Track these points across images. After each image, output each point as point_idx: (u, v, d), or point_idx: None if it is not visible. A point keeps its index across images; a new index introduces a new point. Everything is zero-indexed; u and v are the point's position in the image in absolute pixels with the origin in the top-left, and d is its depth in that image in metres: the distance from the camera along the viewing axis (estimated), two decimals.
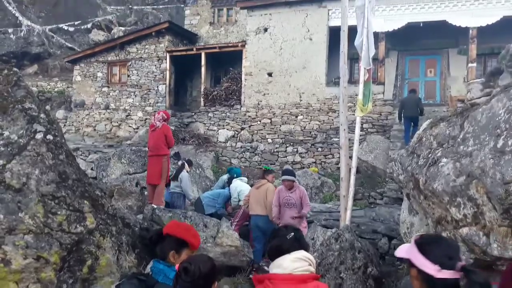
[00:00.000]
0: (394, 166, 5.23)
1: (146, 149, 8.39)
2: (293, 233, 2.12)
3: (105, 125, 17.26)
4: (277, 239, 2.14)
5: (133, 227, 5.17)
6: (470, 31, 12.63)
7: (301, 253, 2.06)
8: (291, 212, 6.33)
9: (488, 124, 3.92)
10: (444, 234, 3.93)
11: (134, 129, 16.78)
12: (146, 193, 8.15)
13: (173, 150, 10.24)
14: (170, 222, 2.76)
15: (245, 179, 7.95)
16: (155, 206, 5.93)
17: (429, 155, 4.37)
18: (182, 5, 19.77)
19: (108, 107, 17.34)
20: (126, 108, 17.08)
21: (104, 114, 17.36)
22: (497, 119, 3.85)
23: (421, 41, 14.14)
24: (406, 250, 1.87)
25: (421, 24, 13.11)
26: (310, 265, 2.05)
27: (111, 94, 17.43)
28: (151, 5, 27.77)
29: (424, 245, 1.78)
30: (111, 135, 17.02)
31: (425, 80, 14.21)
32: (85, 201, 4.00)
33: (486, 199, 3.53)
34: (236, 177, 8.39)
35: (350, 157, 5.95)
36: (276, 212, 6.38)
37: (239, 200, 7.84)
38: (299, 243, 2.10)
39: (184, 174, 8.14)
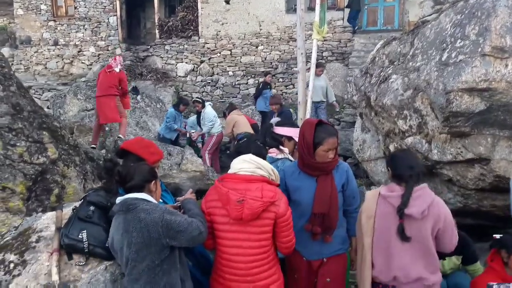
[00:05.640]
0: (349, 88, 5.44)
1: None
2: (246, 139, 2.32)
3: (57, 62, 16.35)
4: (236, 145, 2.34)
5: (97, 160, 5.19)
6: None
7: (249, 156, 2.25)
8: None
9: (436, 39, 4.10)
10: (391, 145, 4.26)
11: (87, 65, 16.02)
12: (107, 128, 8.04)
13: (130, 86, 9.97)
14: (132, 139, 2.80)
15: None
16: (119, 135, 5.91)
17: (381, 73, 4.57)
18: None
19: (57, 43, 16.31)
20: (77, 43, 16.14)
21: (54, 51, 16.36)
22: (443, 33, 4.02)
23: None
24: None
25: None
26: (258, 168, 2.22)
27: (58, 28, 16.31)
28: None
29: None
30: (64, 73, 16.21)
31: (384, 6, 14.14)
32: (44, 132, 3.98)
33: (430, 110, 3.81)
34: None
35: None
36: None
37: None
38: (249, 148, 2.29)
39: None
